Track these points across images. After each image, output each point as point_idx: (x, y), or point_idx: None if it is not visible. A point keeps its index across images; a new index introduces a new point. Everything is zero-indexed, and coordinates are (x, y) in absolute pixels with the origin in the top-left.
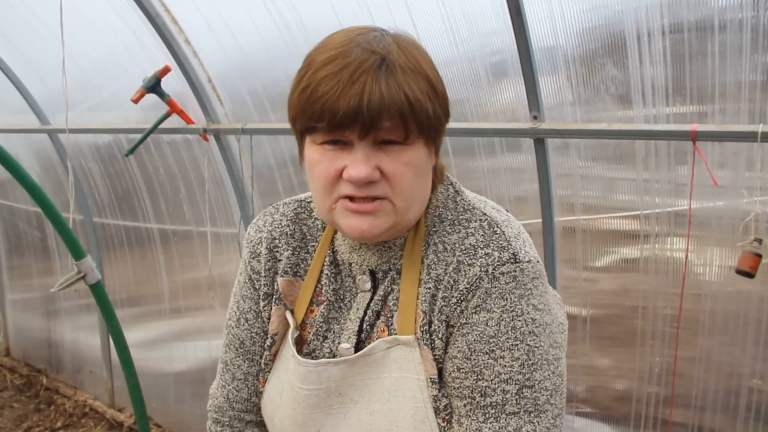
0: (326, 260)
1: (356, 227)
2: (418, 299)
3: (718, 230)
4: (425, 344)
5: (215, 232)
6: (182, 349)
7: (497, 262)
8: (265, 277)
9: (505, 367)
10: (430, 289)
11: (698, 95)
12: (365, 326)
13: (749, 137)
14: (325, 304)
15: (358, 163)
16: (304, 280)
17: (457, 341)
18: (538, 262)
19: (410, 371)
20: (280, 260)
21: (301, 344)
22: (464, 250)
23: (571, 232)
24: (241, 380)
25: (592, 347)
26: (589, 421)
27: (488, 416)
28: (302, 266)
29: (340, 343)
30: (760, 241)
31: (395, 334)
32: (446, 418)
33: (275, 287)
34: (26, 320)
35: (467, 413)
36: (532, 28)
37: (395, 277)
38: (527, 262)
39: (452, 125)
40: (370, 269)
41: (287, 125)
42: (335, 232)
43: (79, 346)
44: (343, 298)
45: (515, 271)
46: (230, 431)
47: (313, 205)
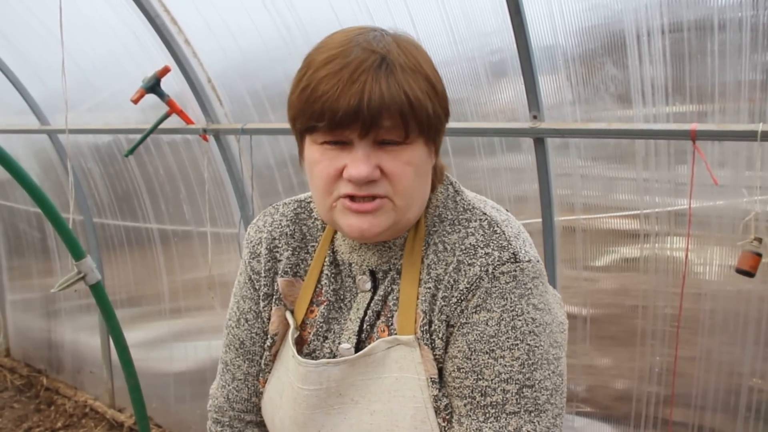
0: (326, 260)
1: (356, 226)
2: (418, 299)
3: (718, 229)
4: (425, 344)
5: (215, 232)
6: (182, 349)
7: (497, 261)
8: (265, 277)
9: (505, 366)
10: (430, 288)
11: (698, 94)
12: (365, 326)
13: (749, 136)
14: (325, 304)
15: (358, 162)
16: (304, 280)
17: (457, 341)
18: (538, 261)
19: (410, 371)
20: (280, 260)
21: (301, 344)
22: (464, 249)
23: (571, 231)
24: (241, 380)
25: (592, 347)
26: (589, 420)
27: (488, 416)
28: (302, 266)
29: (340, 343)
30: (760, 240)
31: (395, 334)
32: (447, 417)
33: (275, 287)
34: (26, 321)
35: (467, 413)
36: (531, 27)
37: (395, 277)
38: (527, 261)
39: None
40: (370, 269)
41: (287, 125)
42: (335, 232)
43: (79, 346)
44: (343, 298)
45: (515, 270)
46: (230, 431)
47: (312, 205)
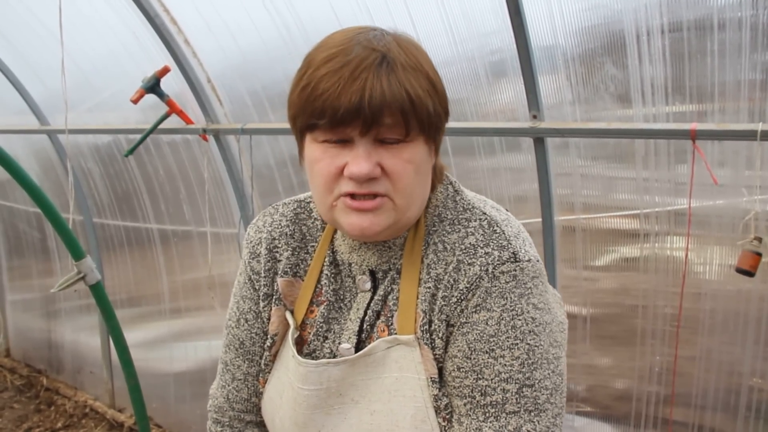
0: (326, 260)
1: (357, 225)
2: (418, 299)
3: (718, 229)
4: (425, 344)
5: (215, 232)
6: (182, 349)
7: (497, 261)
8: (264, 277)
9: (505, 366)
10: (430, 288)
11: (698, 94)
12: (365, 326)
13: (749, 136)
14: (325, 304)
15: (359, 159)
16: (303, 280)
17: (457, 340)
18: (538, 261)
19: (410, 371)
20: (279, 261)
21: (301, 345)
22: (464, 249)
23: (570, 231)
24: (241, 380)
25: (592, 346)
26: (589, 420)
27: (488, 415)
28: (302, 266)
29: (340, 343)
30: (760, 239)
31: (395, 333)
32: (447, 417)
33: (275, 288)
34: (26, 321)
35: (467, 412)
36: (531, 27)
37: (395, 276)
38: (527, 261)
39: (452, 125)
40: (369, 269)
41: (287, 125)
42: (335, 232)
43: (79, 346)
44: (343, 298)
45: (515, 270)
46: (230, 431)
47: (312, 205)
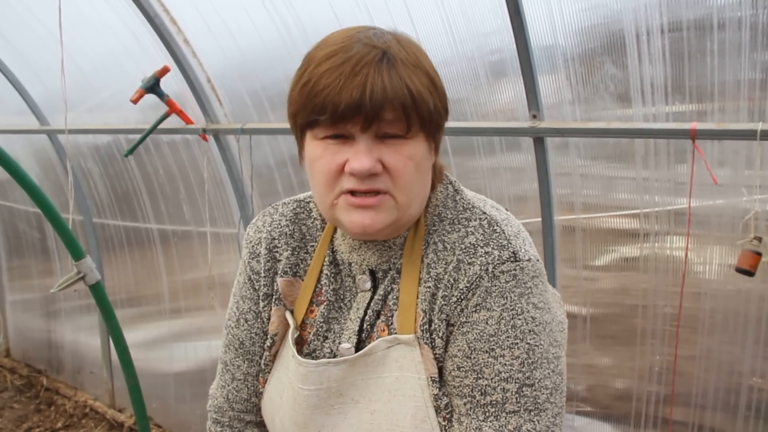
0: (326, 260)
1: (358, 222)
2: (418, 298)
3: (717, 229)
4: (425, 343)
5: (215, 232)
6: (182, 349)
7: (497, 260)
8: (264, 277)
9: (505, 365)
10: (430, 288)
11: (697, 94)
12: (365, 326)
13: (748, 135)
14: (325, 304)
15: (360, 155)
16: (303, 280)
17: (457, 340)
18: (537, 260)
19: (411, 370)
20: (279, 260)
21: (301, 344)
22: (464, 248)
23: (570, 231)
24: (240, 381)
25: (592, 346)
26: (589, 419)
27: (488, 415)
28: (302, 266)
29: (340, 343)
30: (759, 239)
31: (395, 333)
32: (447, 416)
33: (275, 287)
34: (26, 321)
35: (467, 412)
36: (531, 27)
37: (395, 276)
38: (527, 260)
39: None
40: (369, 269)
41: (287, 125)
42: (334, 231)
43: (79, 346)
44: (343, 297)
45: (515, 269)
46: (230, 431)
47: (312, 205)
